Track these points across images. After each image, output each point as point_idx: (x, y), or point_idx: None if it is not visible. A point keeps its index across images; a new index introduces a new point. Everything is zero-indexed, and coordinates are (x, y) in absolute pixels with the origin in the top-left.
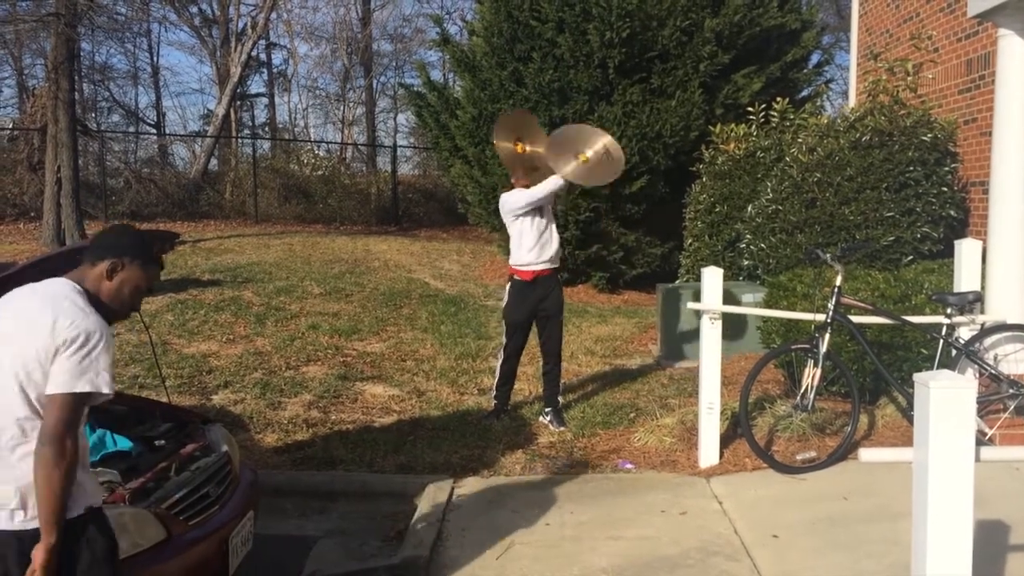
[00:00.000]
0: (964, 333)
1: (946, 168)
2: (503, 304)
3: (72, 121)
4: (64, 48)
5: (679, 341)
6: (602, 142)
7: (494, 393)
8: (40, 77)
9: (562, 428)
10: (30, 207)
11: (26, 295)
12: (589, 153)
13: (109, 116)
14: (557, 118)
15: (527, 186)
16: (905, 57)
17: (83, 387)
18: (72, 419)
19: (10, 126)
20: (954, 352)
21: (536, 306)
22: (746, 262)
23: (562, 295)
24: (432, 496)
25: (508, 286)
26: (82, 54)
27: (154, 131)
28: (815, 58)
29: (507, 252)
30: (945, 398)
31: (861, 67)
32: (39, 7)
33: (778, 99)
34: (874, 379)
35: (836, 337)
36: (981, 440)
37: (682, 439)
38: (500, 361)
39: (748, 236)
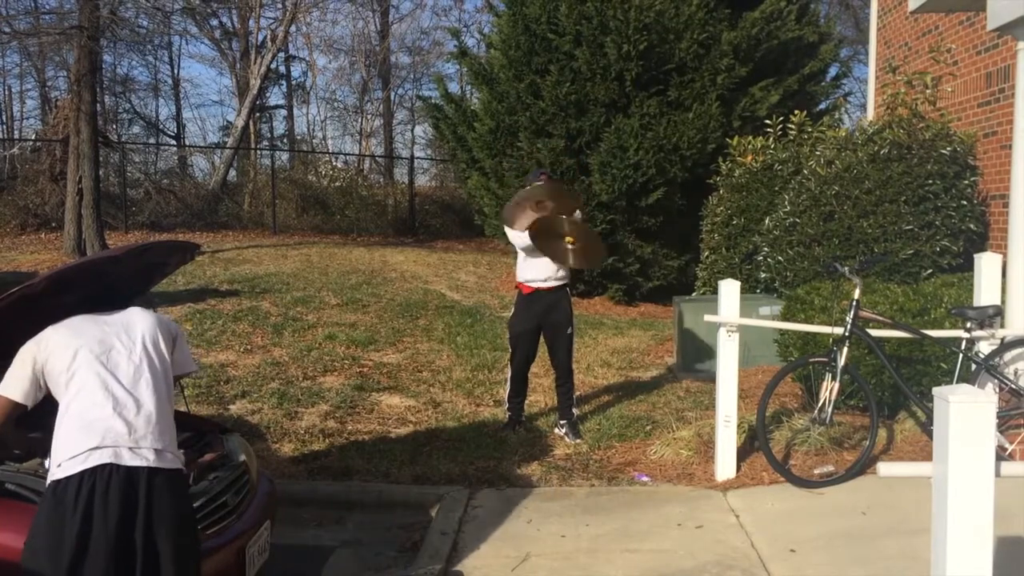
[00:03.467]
0: (984, 347)
1: (966, 181)
2: (511, 314)
3: (94, 132)
4: (87, 60)
5: (696, 354)
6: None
7: (507, 405)
8: (63, 89)
9: (578, 440)
10: (51, 217)
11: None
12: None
13: (130, 128)
14: (574, 130)
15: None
16: (924, 70)
17: None
18: None
19: (33, 137)
20: (974, 366)
21: (542, 318)
22: (763, 275)
23: (570, 308)
24: (448, 507)
25: (516, 297)
26: (104, 66)
27: (174, 143)
28: (833, 71)
29: None
30: (965, 412)
31: (879, 80)
32: (62, 20)
33: (796, 112)
34: (893, 393)
35: (854, 351)
36: (1001, 455)
37: (699, 452)
38: (509, 373)
39: (765, 249)
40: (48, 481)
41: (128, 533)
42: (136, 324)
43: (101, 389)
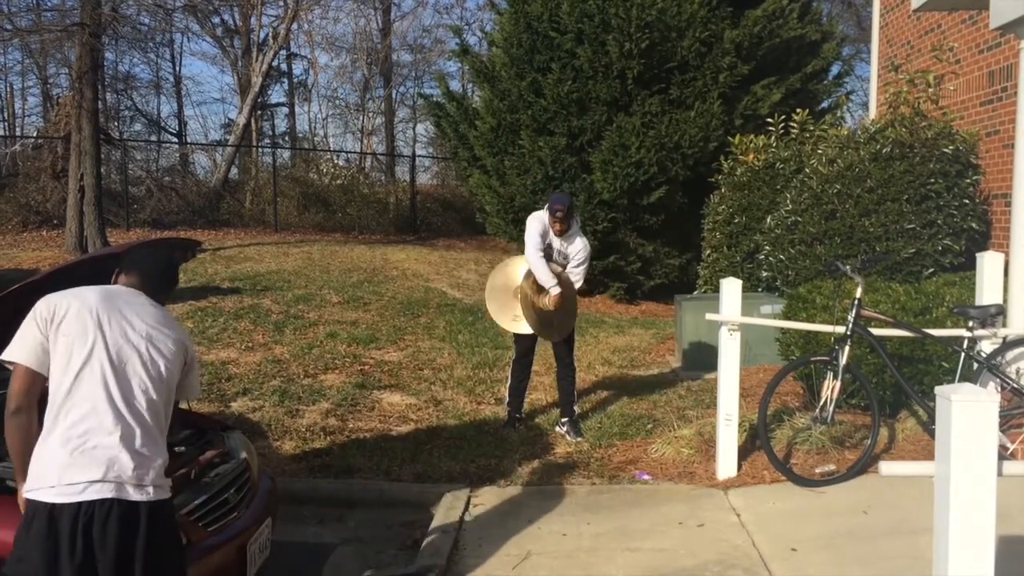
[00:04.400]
0: (986, 346)
1: (968, 180)
2: None
3: (95, 130)
4: (88, 58)
5: (697, 352)
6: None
7: (507, 400)
8: (64, 86)
9: (579, 439)
10: (53, 214)
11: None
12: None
13: (132, 125)
14: (576, 128)
15: (561, 231)
16: (926, 69)
17: None
18: None
19: (34, 134)
20: (976, 365)
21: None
22: (765, 273)
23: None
24: (449, 505)
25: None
26: (106, 64)
27: (176, 140)
28: (835, 69)
29: None
30: (967, 411)
31: (882, 79)
32: (64, 17)
33: (798, 110)
34: (894, 392)
35: (856, 349)
36: (1003, 454)
37: (700, 451)
38: (511, 366)
39: (767, 247)
40: (36, 497)
41: (127, 562)
42: (162, 340)
43: (110, 412)
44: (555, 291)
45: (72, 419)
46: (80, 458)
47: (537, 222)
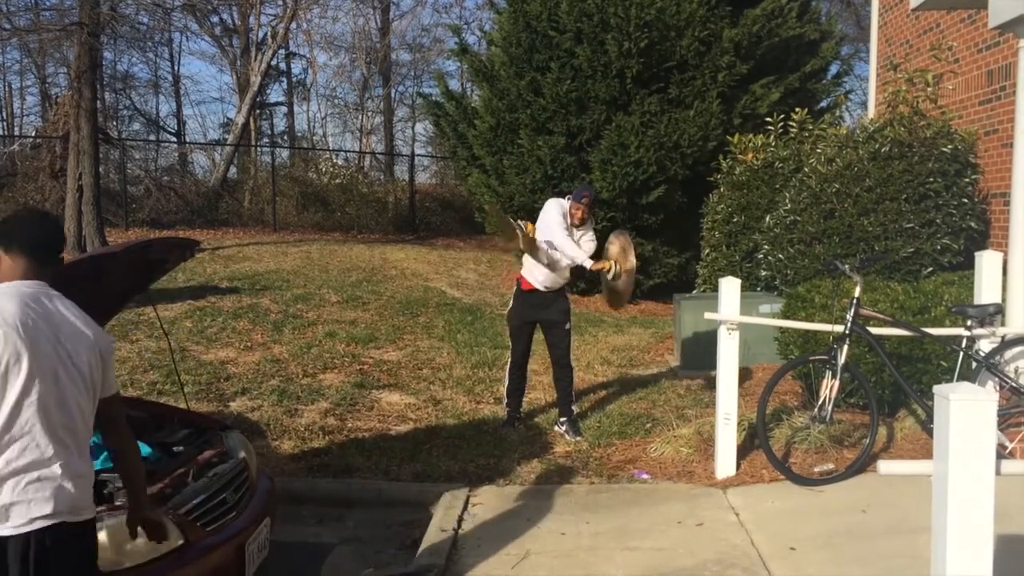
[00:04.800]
0: (984, 345)
1: (966, 179)
2: (508, 308)
3: (94, 129)
4: (87, 57)
5: (696, 351)
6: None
7: (505, 401)
8: (63, 86)
9: (578, 438)
10: (52, 214)
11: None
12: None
13: (130, 124)
14: (575, 128)
15: (581, 221)
16: (925, 68)
17: None
18: None
19: (33, 134)
20: (974, 364)
21: (538, 313)
22: (764, 273)
23: (567, 304)
24: (448, 504)
25: (514, 290)
26: (104, 63)
27: (174, 139)
28: (834, 69)
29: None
30: (965, 410)
31: (880, 78)
32: (63, 17)
33: (797, 109)
34: (893, 391)
35: (855, 349)
36: (1001, 454)
37: (699, 450)
38: (508, 368)
39: (766, 247)
40: None
41: None
42: (83, 344)
43: (50, 440)
44: (593, 265)
45: (11, 454)
46: (23, 494)
47: (557, 206)
